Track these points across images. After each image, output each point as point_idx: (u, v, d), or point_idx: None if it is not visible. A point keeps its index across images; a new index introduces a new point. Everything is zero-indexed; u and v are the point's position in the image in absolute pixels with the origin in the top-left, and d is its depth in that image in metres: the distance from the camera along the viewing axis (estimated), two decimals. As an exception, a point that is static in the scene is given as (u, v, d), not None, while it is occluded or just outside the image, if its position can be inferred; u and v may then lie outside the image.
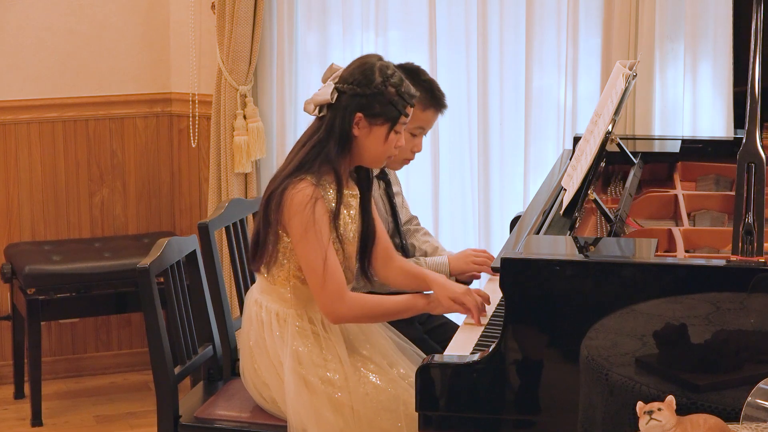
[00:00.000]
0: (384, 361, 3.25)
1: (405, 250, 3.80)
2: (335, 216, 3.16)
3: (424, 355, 3.13)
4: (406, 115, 3.20)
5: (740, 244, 2.71)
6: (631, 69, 3.48)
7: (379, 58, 3.22)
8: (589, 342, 2.65)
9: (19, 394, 4.93)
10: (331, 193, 3.16)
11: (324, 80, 3.21)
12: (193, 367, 3.47)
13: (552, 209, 3.25)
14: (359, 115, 3.15)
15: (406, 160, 3.65)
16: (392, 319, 3.30)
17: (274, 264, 3.20)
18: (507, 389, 2.74)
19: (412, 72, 3.54)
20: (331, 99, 3.14)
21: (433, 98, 3.61)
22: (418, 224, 3.92)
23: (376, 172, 3.71)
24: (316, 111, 3.17)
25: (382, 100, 3.15)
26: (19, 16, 4.92)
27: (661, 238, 3.06)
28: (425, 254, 3.83)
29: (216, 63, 4.74)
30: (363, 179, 3.29)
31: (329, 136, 3.15)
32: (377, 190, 3.74)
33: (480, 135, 4.69)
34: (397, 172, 3.87)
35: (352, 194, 3.25)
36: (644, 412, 2.35)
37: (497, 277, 2.77)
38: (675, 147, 3.95)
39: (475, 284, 3.73)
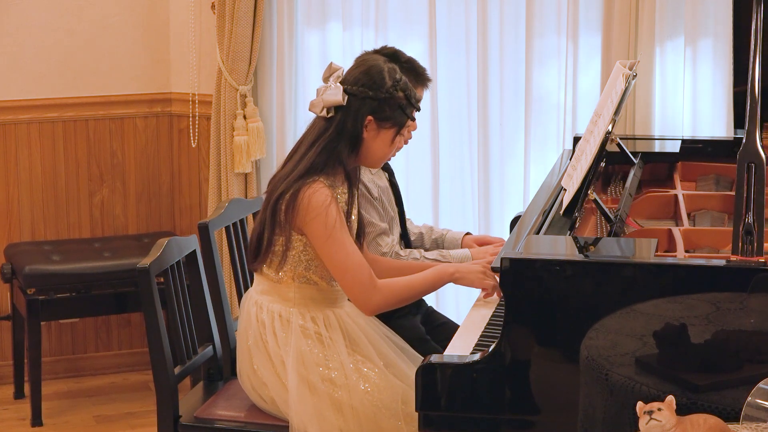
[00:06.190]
0: (384, 361, 3.26)
1: (407, 240, 3.82)
2: (347, 216, 3.18)
3: (424, 356, 3.13)
4: (413, 119, 3.25)
5: (740, 244, 2.70)
6: (631, 69, 3.48)
7: (385, 60, 3.25)
8: (589, 342, 2.65)
9: (19, 394, 4.93)
10: (342, 195, 3.18)
11: (324, 79, 3.22)
12: (193, 367, 3.47)
13: (552, 209, 3.25)
14: (369, 118, 3.17)
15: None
16: (424, 296, 3.43)
17: (283, 265, 3.20)
18: (507, 389, 2.74)
19: (392, 56, 3.60)
20: (343, 101, 3.15)
21: (417, 76, 3.70)
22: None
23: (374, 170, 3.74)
24: (324, 111, 3.18)
25: (392, 104, 3.18)
26: (19, 16, 4.92)
27: (661, 238, 3.06)
28: (421, 237, 3.90)
29: (216, 63, 4.74)
30: (353, 178, 3.30)
31: (340, 137, 3.17)
32: (384, 180, 3.76)
33: (480, 135, 4.69)
34: (396, 171, 3.90)
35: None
36: (644, 412, 2.35)
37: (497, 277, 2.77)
38: (675, 147, 3.95)
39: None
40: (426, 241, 3.90)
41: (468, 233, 3.89)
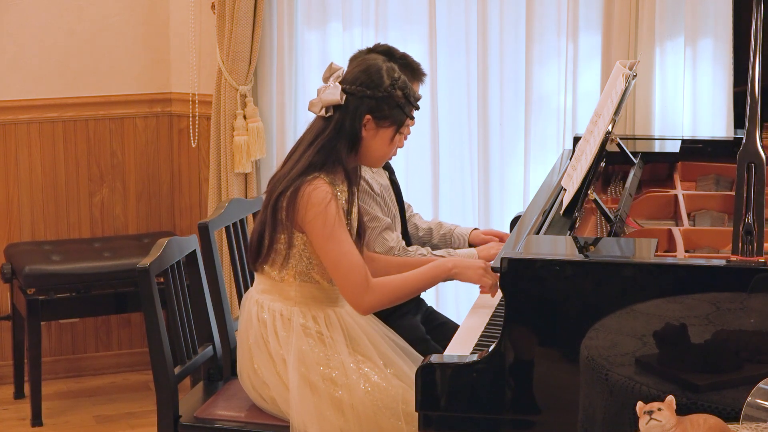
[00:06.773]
0: (384, 361, 3.26)
1: (407, 239, 3.83)
2: (347, 214, 3.18)
3: (424, 356, 3.13)
4: (412, 118, 3.25)
5: (740, 244, 2.71)
6: (631, 69, 3.48)
7: (384, 60, 3.25)
8: (589, 342, 2.65)
9: (19, 394, 4.93)
10: (342, 193, 3.18)
11: (325, 79, 3.23)
12: (193, 367, 3.47)
13: (552, 209, 3.25)
14: (368, 116, 3.18)
15: None
16: (422, 292, 3.41)
17: (285, 263, 3.20)
18: (507, 389, 2.74)
19: (386, 53, 3.61)
20: (341, 100, 3.16)
21: (413, 71, 3.72)
22: (412, 210, 4.00)
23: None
24: (323, 111, 3.18)
25: (390, 103, 3.19)
26: (19, 16, 4.92)
27: (661, 238, 3.06)
28: (430, 232, 3.92)
29: (216, 63, 4.74)
30: (353, 177, 3.30)
31: (338, 136, 3.18)
32: (384, 178, 3.77)
33: (480, 135, 4.69)
34: (397, 170, 3.90)
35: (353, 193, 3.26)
36: (644, 412, 2.35)
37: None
38: (675, 147, 3.95)
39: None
40: (435, 237, 3.92)
41: (476, 229, 3.90)
